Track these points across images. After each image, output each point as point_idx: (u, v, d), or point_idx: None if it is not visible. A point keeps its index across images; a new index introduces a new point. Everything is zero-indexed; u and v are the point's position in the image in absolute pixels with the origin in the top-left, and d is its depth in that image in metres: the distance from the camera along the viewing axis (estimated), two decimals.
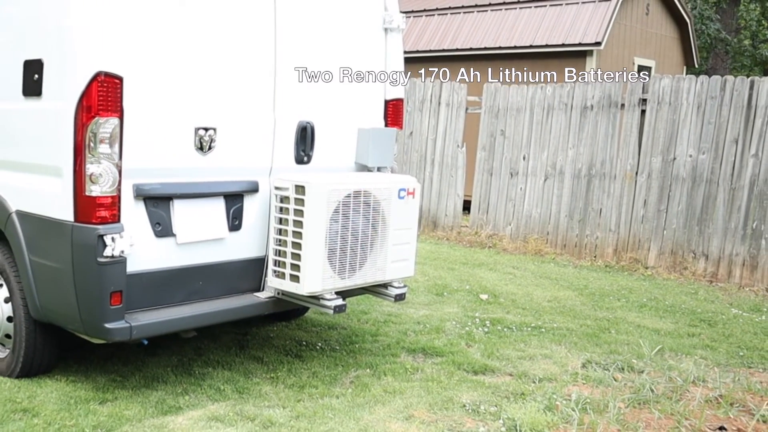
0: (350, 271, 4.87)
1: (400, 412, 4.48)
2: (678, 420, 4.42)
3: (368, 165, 5.48)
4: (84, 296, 4.22)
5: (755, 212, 8.92)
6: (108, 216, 4.18)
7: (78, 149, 4.14)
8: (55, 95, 4.30)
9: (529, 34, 13.94)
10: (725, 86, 9.13)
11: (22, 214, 4.61)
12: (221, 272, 4.82)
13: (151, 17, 4.31)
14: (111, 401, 4.58)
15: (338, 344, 5.96)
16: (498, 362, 5.62)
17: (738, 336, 6.79)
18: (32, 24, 4.54)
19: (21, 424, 4.20)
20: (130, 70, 4.21)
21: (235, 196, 4.85)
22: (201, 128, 4.57)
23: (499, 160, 11.13)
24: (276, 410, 4.47)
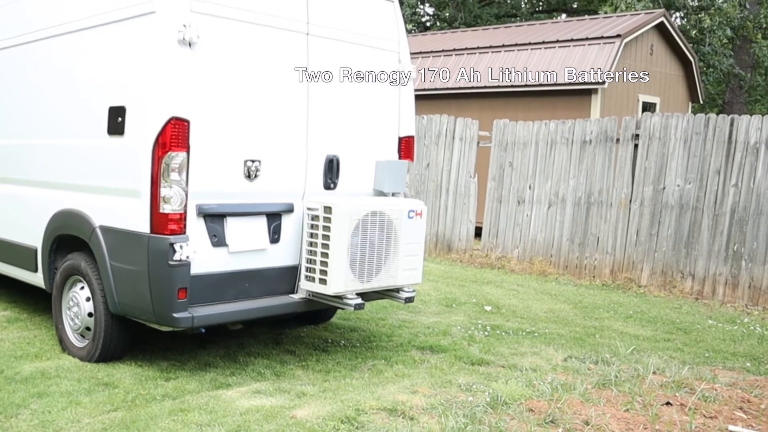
0: (368, 276, 5.96)
1: (407, 389, 5.54)
2: (632, 397, 5.44)
3: (384, 190, 6.60)
4: (157, 292, 5.36)
5: (736, 236, 9.91)
6: (177, 229, 5.33)
7: (154, 177, 5.31)
8: (136, 134, 5.48)
9: (539, 74, 15.06)
10: (708, 123, 10.18)
11: (104, 228, 5.78)
12: (263, 276, 5.95)
13: (210, 73, 5.48)
14: (174, 379, 5.69)
15: (358, 342, 7.04)
16: (493, 357, 6.68)
17: (708, 342, 7.78)
18: (116, 79, 5.73)
19: (106, 393, 5.33)
20: (195, 114, 5.38)
21: (275, 215, 5.99)
22: (249, 160, 5.73)
23: (507, 189, 12.23)
24: (307, 387, 5.56)
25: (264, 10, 5.77)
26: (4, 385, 5.44)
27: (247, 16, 5.67)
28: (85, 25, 6.11)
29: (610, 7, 21.53)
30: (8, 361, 6.02)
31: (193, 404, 5.09)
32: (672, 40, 16.88)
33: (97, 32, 5.99)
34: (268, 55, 5.83)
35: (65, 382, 5.51)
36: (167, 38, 5.27)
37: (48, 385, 5.45)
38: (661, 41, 16.71)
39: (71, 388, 5.40)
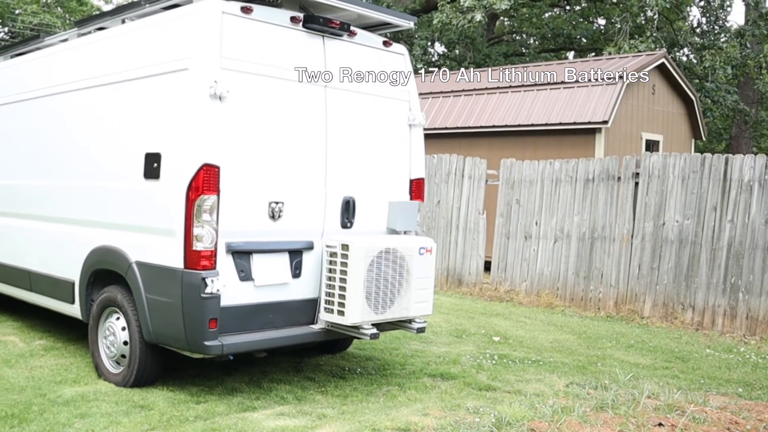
0: (382, 308, 6.46)
1: (420, 411, 6.02)
2: (627, 418, 5.90)
3: (396, 229, 7.12)
4: (190, 322, 5.87)
5: (733, 269, 10.37)
6: (208, 264, 5.86)
7: (188, 217, 5.85)
8: (171, 179, 6.04)
9: (544, 114, 15.64)
10: (704, 162, 10.70)
11: (140, 264, 6.32)
12: (286, 308, 6.46)
13: (238, 123, 6.06)
14: (204, 402, 6.18)
15: (374, 370, 7.52)
16: (499, 383, 7.15)
17: (704, 369, 8.22)
18: (152, 127, 6.32)
19: (142, 414, 5.83)
20: (224, 161, 5.94)
21: (297, 251, 6.51)
22: (273, 202, 6.27)
23: (515, 225, 12.74)
24: (327, 409, 6.04)
25: (285, 65, 6.36)
26: (48, 406, 5.94)
27: (271, 71, 6.25)
28: (124, 77, 6.72)
29: (614, 47, 22.14)
30: (49, 385, 6.53)
31: (223, 425, 5.58)
32: (673, 79, 17.47)
33: (135, 85, 6.60)
34: (290, 105, 6.40)
35: (104, 405, 6.01)
36: (200, 93, 5.86)
37: (89, 407, 5.95)
38: (662, 81, 17.29)
39: (110, 409, 5.90)
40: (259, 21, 6.19)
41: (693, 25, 28.67)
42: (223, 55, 5.92)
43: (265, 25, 6.24)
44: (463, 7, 21.84)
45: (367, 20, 7.10)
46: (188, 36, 6.09)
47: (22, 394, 6.27)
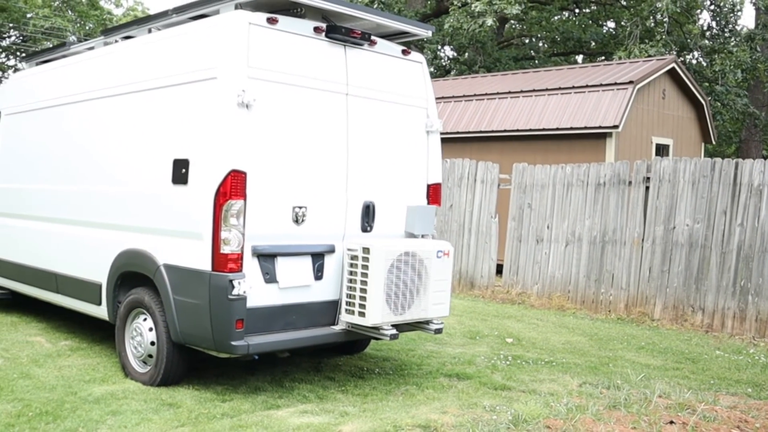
0: (401, 310, 6.67)
1: (438, 410, 6.22)
2: (639, 416, 6.09)
3: (414, 233, 7.33)
4: (217, 322, 6.09)
5: (742, 272, 10.55)
6: (235, 267, 6.08)
7: (216, 221, 6.07)
8: (199, 184, 6.26)
9: (555, 118, 15.83)
10: (714, 167, 10.88)
11: (168, 266, 6.54)
12: (308, 309, 6.67)
13: (264, 130, 6.28)
14: (229, 400, 6.40)
15: (391, 370, 7.73)
16: (514, 383, 7.35)
17: (714, 370, 8.40)
18: (180, 134, 6.54)
19: (171, 411, 6.05)
20: (251, 167, 6.15)
21: (319, 254, 6.73)
22: (296, 206, 6.49)
23: (526, 228, 12.94)
24: (348, 407, 6.25)
25: (309, 74, 6.58)
26: (80, 404, 6.17)
27: (295, 80, 6.48)
28: (153, 85, 6.96)
29: (624, 51, 22.30)
30: (79, 384, 6.76)
31: (250, 422, 5.79)
32: (683, 83, 17.64)
33: (163, 92, 6.83)
34: (313, 113, 6.62)
35: (133, 403, 6.23)
36: (228, 101, 6.08)
37: (119, 404, 6.18)
38: (673, 85, 17.46)
39: (140, 407, 6.12)
40: (284, 31, 6.41)
41: (703, 27, 28.79)
42: (250, 65, 6.14)
43: (290, 35, 6.46)
44: (474, 12, 22.01)
45: (386, 29, 7.31)
46: (216, 46, 6.32)
47: (54, 392, 6.50)
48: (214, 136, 6.18)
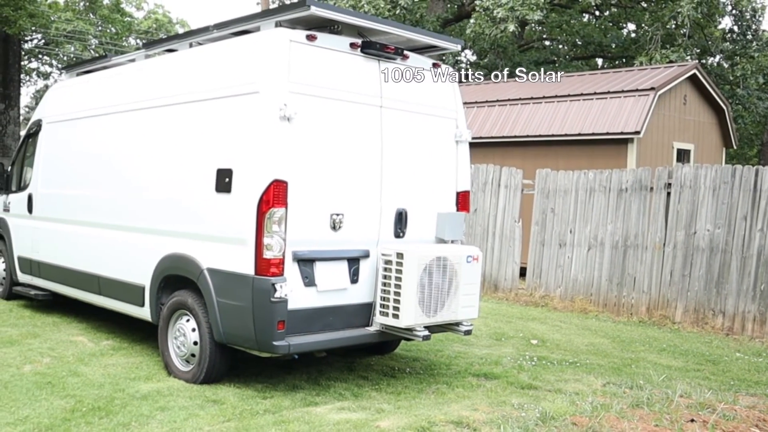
0: (434, 312, 6.99)
1: (469, 407, 6.53)
2: (661, 415, 6.38)
3: (445, 238, 7.65)
4: (260, 324, 6.44)
5: (763, 276, 10.78)
6: (277, 271, 6.43)
7: (259, 228, 6.42)
8: (242, 193, 6.61)
9: (577, 124, 16.09)
10: (735, 173, 11.12)
11: (211, 270, 6.90)
12: (344, 311, 7.01)
13: (304, 141, 6.62)
14: (270, 398, 6.74)
15: (422, 370, 8.06)
16: (540, 383, 7.65)
17: (734, 372, 8.66)
18: (223, 145, 6.90)
19: (216, 407, 6.40)
20: (291, 176, 6.50)
21: (354, 259, 7.06)
22: (334, 214, 6.83)
23: (549, 233, 13.23)
24: (383, 404, 6.58)
25: (346, 88, 6.93)
26: (129, 400, 6.53)
27: (333, 94, 6.82)
28: (196, 98, 7.32)
29: (645, 57, 22.49)
30: (125, 382, 7.13)
31: (291, 417, 6.13)
32: (704, 89, 17.82)
33: (206, 105, 7.19)
34: (349, 125, 6.96)
35: (179, 399, 6.59)
36: (270, 114, 6.43)
37: (166, 401, 6.54)
38: (694, 91, 17.65)
39: (186, 403, 6.48)
40: (322, 47, 6.76)
41: (725, 31, 28.87)
42: (290, 80, 6.49)
43: (328, 51, 6.80)
44: (497, 17, 22.25)
45: (416, 43, 7.63)
46: (258, 62, 6.67)
47: (102, 389, 6.87)
48: (257, 147, 6.53)
